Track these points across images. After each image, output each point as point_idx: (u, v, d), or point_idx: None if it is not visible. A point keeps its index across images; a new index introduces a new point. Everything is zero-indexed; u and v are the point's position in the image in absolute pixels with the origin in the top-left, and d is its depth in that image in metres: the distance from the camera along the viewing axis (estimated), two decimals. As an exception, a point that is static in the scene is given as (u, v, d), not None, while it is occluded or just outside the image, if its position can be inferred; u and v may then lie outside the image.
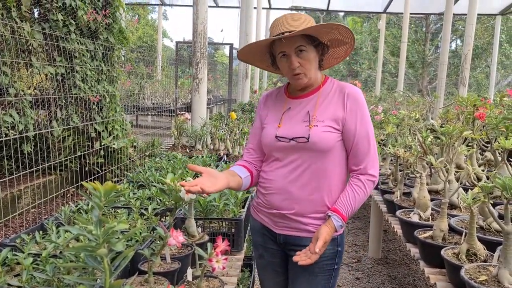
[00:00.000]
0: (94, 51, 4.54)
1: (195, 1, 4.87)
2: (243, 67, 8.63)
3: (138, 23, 22.97)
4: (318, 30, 1.63)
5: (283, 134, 1.70)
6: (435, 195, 2.94)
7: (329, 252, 1.70)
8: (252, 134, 1.88)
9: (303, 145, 1.66)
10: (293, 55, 1.65)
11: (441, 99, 9.69)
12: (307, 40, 1.65)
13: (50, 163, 4.07)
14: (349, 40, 1.72)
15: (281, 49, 1.66)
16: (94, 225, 1.09)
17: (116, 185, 1.17)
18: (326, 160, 1.67)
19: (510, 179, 1.57)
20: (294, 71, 1.67)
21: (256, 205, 1.87)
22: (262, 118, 1.85)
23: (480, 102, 2.88)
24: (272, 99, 1.86)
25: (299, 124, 1.69)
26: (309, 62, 1.67)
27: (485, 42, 19.68)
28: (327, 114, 1.67)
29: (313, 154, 1.66)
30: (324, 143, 1.64)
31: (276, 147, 1.72)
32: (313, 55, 1.68)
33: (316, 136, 1.63)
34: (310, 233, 1.70)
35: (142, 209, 2.29)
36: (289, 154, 1.70)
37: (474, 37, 9.66)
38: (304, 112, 1.71)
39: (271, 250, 1.83)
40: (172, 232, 1.43)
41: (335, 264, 1.75)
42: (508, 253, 1.64)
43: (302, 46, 1.64)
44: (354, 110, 1.66)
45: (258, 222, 1.85)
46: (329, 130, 1.65)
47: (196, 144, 4.64)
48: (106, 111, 4.71)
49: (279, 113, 1.78)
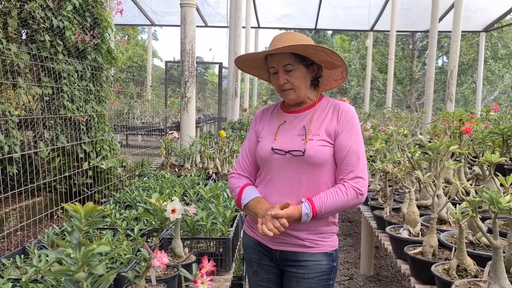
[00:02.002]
0: (82, 71, 4.53)
1: (182, 20, 4.90)
2: (232, 85, 8.65)
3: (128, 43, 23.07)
4: (298, 50, 1.66)
5: (279, 147, 1.72)
6: (425, 210, 2.93)
7: (325, 267, 1.71)
8: (247, 148, 1.87)
9: (299, 158, 1.68)
10: (280, 72, 1.71)
11: (429, 114, 9.79)
12: (296, 59, 1.69)
13: (36, 184, 4.00)
14: (340, 63, 1.75)
15: (271, 64, 1.73)
16: (73, 248, 1.06)
17: (97, 206, 1.14)
18: (321, 173, 1.69)
19: (497, 193, 1.57)
20: (282, 87, 1.72)
21: (250, 221, 1.85)
22: (257, 132, 1.86)
23: (466, 117, 2.90)
24: (268, 114, 1.89)
25: (295, 137, 1.72)
26: (298, 80, 1.71)
27: (470, 59, 20.04)
28: (322, 128, 1.71)
29: (308, 167, 1.68)
30: (320, 156, 1.66)
31: (272, 159, 1.73)
32: (303, 74, 1.72)
33: (312, 150, 1.66)
34: (306, 248, 1.70)
35: (128, 230, 2.25)
36: (284, 167, 1.71)
37: (459, 53, 9.82)
38: (300, 126, 1.74)
39: (266, 267, 1.81)
40: (156, 254, 1.40)
41: (331, 280, 1.74)
42: (498, 268, 1.63)
43: (289, 64, 1.69)
44: (347, 125, 1.70)
45: (252, 238, 1.83)
46: (324, 144, 1.68)
47: (185, 163, 4.61)
48: (94, 131, 4.68)
49: (275, 126, 1.80)
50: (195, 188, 3.18)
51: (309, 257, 1.71)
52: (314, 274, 1.70)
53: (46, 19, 4.04)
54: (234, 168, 1.89)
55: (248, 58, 1.81)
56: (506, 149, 2.47)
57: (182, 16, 4.93)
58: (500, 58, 20.26)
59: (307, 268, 1.71)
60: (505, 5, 12.71)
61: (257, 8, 14.05)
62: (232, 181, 1.83)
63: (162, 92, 9.32)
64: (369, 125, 6.05)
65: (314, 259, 1.71)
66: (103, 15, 4.77)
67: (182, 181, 3.39)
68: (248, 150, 1.86)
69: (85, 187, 4.56)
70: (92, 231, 2.18)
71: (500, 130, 2.43)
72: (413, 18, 14.59)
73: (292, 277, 1.74)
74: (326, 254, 1.72)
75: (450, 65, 9.37)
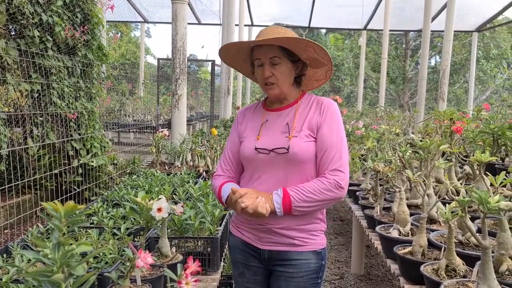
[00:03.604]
0: (72, 67, 4.47)
1: (174, 17, 4.86)
2: (225, 83, 8.62)
3: (121, 40, 22.94)
4: (289, 43, 1.64)
5: (263, 146, 1.69)
6: (415, 209, 2.92)
7: (314, 266, 1.69)
8: (229, 150, 1.85)
9: (283, 156, 1.65)
10: (266, 64, 1.68)
11: (421, 113, 9.81)
12: (284, 53, 1.68)
13: (25, 181, 3.95)
14: (326, 62, 1.74)
15: (256, 56, 1.70)
16: (52, 248, 1.03)
17: (77, 205, 1.11)
18: (306, 170, 1.67)
19: (486, 193, 1.56)
20: (266, 80, 1.69)
21: (236, 221, 1.83)
22: (240, 132, 1.84)
23: (457, 116, 2.90)
24: (250, 113, 1.87)
25: (278, 135, 1.70)
26: (283, 75, 1.70)
27: (462, 58, 20.16)
28: (305, 124, 1.69)
29: (294, 165, 1.66)
30: (304, 153, 1.65)
31: (256, 159, 1.71)
32: (288, 69, 1.71)
33: (296, 146, 1.64)
34: (295, 246, 1.68)
35: (115, 228, 2.22)
36: (269, 166, 1.69)
37: (451, 53, 9.85)
38: (283, 124, 1.72)
39: (253, 268, 1.78)
40: (140, 253, 1.37)
41: (319, 278, 1.73)
42: (487, 268, 1.62)
43: (276, 57, 1.67)
44: (329, 119, 1.68)
45: (238, 239, 1.80)
46: (308, 140, 1.66)
47: (175, 161, 4.58)
48: (84, 129, 4.63)
49: (258, 125, 1.78)
50: (184, 186, 3.15)
51: (298, 256, 1.68)
52: (303, 273, 1.68)
53: (36, 14, 3.98)
54: (216, 170, 1.87)
55: (234, 47, 1.76)
56: (496, 148, 2.46)
57: (174, 13, 4.89)
58: (492, 58, 20.40)
59: (296, 267, 1.68)
60: (497, 5, 12.78)
61: (251, 6, 14.01)
62: (213, 182, 1.81)
63: (154, 90, 9.26)
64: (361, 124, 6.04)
65: (303, 257, 1.69)
66: (94, 11, 4.72)
67: (171, 179, 3.36)
68: (230, 151, 1.84)
69: (75, 184, 4.51)
70: (78, 230, 2.15)
71: (491, 130, 2.43)
72: (406, 17, 14.63)
73: (280, 277, 1.71)
74: (315, 253, 1.70)
75: (443, 65, 9.40)
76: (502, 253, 1.80)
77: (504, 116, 5.26)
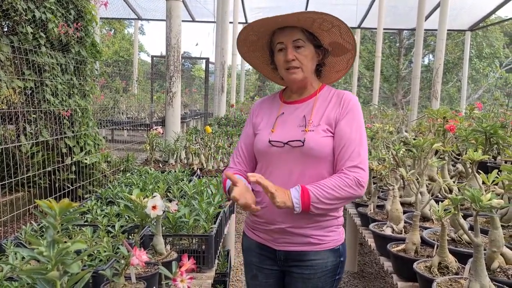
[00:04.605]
0: (65, 64, 4.45)
1: (168, 14, 4.84)
2: (219, 81, 8.61)
3: (114, 37, 22.82)
4: (314, 21, 1.57)
5: (277, 138, 1.63)
6: (408, 207, 2.95)
7: (331, 264, 1.65)
8: (242, 142, 1.80)
9: (298, 150, 1.59)
10: (290, 47, 1.61)
11: (415, 112, 9.87)
12: (307, 36, 1.62)
13: (18, 179, 3.93)
14: (350, 46, 1.67)
15: (279, 39, 1.63)
16: (46, 246, 1.03)
17: (72, 203, 1.11)
18: (322, 166, 1.60)
19: (478, 191, 1.57)
20: (289, 63, 1.62)
21: (250, 223, 1.77)
22: (255, 125, 1.78)
23: (450, 114, 2.92)
24: (266, 105, 1.80)
25: (295, 128, 1.64)
26: (306, 59, 1.63)
27: (455, 57, 20.28)
28: (323, 118, 1.62)
29: (309, 160, 1.59)
30: (321, 148, 1.58)
31: (270, 153, 1.65)
32: (311, 54, 1.65)
33: (312, 141, 1.58)
34: (312, 245, 1.63)
35: (110, 226, 2.22)
36: (282, 161, 1.63)
37: (445, 52, 9.91)
38: (300, 117, 1.66)
39: (267, 271, 1.74)
40: (135, 251, 1.37)
41: (337, 275, 1.69)
42: (479, 265, 1.63)
43: (300, 40, 1.61)
44: (348, 113, 1.61)
45: (253, 241, 1.76)
46: (326, 135, 1.60)
47: (170, 159, 4.57)
48: (78, 126, 4.60)
49: (273, 118, 1.72)
50: (179, 184, 3.15)
51: (315, 256, 1.63)
52: (320, 273, 1.63)
53: (29, 11, 3.96)
54: (230, 163, 1.83)
55: (258, 28, 1.65)
56: (488, 147, 2.48)
57: (168, 10, 4.87)
58: (484, 57, 20.54)
59: (312, 268, 1.64)
60: (490, 5, 12.88)
61: (245, 4, 14.01)
62: (223, 174, 1.75)
63: (148, 87, 9.23)
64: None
65: (319, 257, 1.64)
66: (87, 7, 4.69)
67: (166, 177, 3.36)
68: (243, 144, 1.79)
69: (68, 182, 4.49)
70: (72, 228, 2.14)
71: (483, 128, 2.45)
72: (400, 16, 14.71)
73: (298, 278, 1.66)
74: (332, 251, 1.66)
75: (436, 63, 9.46)
76: (494, 250, 1.82)
77: (496, 115, 5.30)
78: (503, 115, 5.23)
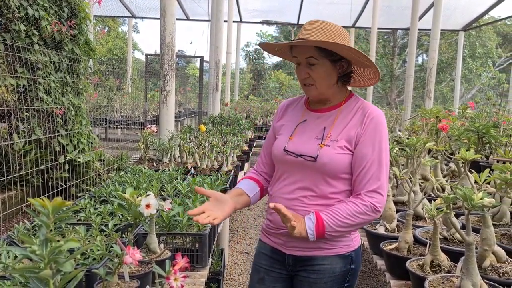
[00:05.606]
0: (58, 62, 4.42)
1: (162, 13, 4.83)
2: (213, 79, 8.59)
3: (108, 35, 22.72)
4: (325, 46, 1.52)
5: (292, 149, 1.61)
6: (402, 206, 2.96)
7: (339, 271, 1.62)
8: (265, 147, 1.83)
9: (311, 164, 1.56)
10: (303, 64, 1.58)
11: (408, 111, 9.92)
12: (321, 53, 1.55)
13: (10, 177, 3.90)
14: (368, 63, 1.59)
15: (294, 54, 1.61)
16: (39, 245, 1.02)
17: (65, 201, 1.11)
18: (337, 183, 1.57)
19: (470, 190, 1.58)
20: (303, 81, 1.61)
21: (265, 227, 1.78)
22: (276, 129, 1.77)
23: (443, 114, 2.94)
24: (292, 108, 1.78)
25: (311, 140, 1.60)
26: (320, 77, 1.57)
27: (449, 57, 20.40)
28: (343, 133, 1.57)
29: (322, 176, 1.56)
30: (335, 165, 1.54)
31: (284, 161, 1.64)
32: (326, 70, 1.58)
33: (326, 156, 1.54)
34: (321, 250, 1.60)
35: (103, 225, 2.21)
36: (295, 171, 1.61)
37: (438, 51, 9.97)
38: (319, 128, 1.62)
39: (275, 274, 1.74)
40: (129, 250, 1.37)
41: (346, 282, 1.65)
42: (470, 264, 1.65)
43: (312, 58, 1.55)
44: (372, 133, 1.55)
45: (266, 245, 1.76)
46: (342, 152, 1.55)
47: (164, 157, 4.56)
48: (71, 124, 4.58)
49: (294, 124, 1.70)
50: (172, 183, 3.15)
51: (322, 260, 1.61)
52: (326, 278, 1.61)
53: (22, 8, 3.93)
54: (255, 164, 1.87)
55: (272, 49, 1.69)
56: (481, 146, 2.51)
57: (162, 9, 4.86)
58: (478, 57, 20.68)
59: (319, 273, 1.62)
60: (483, 5, 12.95)
61: (239, 2, 13.99)
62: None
63: (142, 85, 9.20)
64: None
65: (326, 262, 1.61)
66: (81, 5, 4.67)
67: (159, 176, 3.35)
68: (265, 148, 1.81)
69: (61, 181, 4.47)
70: (65, 226, 2.13)
71: (476, 128, 2.47)
72: (394, 15, 14.75)
73: (304, 282, 1.66)
74: (341, 257, 1.62)
75: (429, 63, 9.51)
76: (485, 249, 1.84)
77: (489, 115, 5.35)
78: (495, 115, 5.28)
